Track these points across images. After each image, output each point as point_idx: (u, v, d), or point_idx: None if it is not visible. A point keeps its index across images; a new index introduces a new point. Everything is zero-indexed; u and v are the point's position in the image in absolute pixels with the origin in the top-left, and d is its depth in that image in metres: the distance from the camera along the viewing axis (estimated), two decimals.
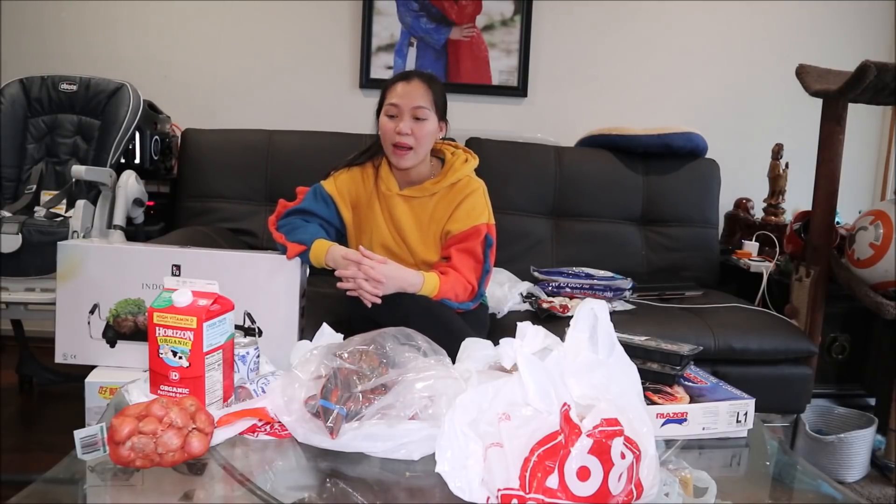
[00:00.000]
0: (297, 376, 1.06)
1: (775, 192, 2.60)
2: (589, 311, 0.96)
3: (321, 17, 2.74)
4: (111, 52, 2.67)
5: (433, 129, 1.61)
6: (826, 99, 2.02)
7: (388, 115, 1.59)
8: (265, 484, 0.92)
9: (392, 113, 1.58)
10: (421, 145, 1.59)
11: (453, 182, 1.65)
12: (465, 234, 1.60)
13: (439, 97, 1.62)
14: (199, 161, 2.34)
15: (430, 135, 1.61)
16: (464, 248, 1.59)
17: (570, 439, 0.82)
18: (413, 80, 1.60)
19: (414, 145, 1.58)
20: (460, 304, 1.56)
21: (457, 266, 1.57)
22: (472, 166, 1.70)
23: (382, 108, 1.61)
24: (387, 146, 1.61)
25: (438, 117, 1.63)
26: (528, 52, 2.76)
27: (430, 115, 1.59)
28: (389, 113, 1.58)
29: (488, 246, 1.60)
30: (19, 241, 1.79)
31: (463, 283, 1.56)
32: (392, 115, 1.58)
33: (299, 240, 1.55)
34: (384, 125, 1.59)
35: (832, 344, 2.24)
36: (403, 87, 1.58)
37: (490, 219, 1.64)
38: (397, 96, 1.57)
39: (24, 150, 2.19)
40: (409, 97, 1.57)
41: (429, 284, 1.50)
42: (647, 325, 1.76)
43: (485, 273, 1.60)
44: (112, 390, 1.44)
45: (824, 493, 1.01)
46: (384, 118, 1.60)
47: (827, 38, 2.82)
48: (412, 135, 1.57)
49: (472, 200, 1.63)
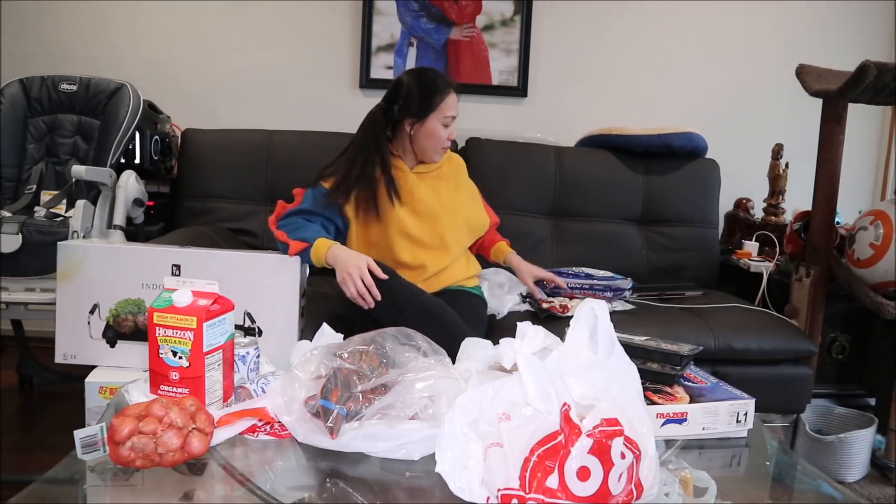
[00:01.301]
0: (297, 376, 1.06)
1: (775, 192, 2.60)
2: (589, 311, 0.97)
3: (321, 17, 2.74)
4: (111, 52, 2.67)
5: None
6: (826, 99, 2.02)
7: (445, 124, 1.75)
8: (265, 484, 0.92)
9: (447, 123, 1.75)
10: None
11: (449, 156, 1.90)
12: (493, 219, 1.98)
13: None
14: (199, 161, 2.33)
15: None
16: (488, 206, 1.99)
17: (570, 439, 0.82)
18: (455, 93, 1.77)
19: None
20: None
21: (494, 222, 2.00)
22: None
23: (434, 115, 1.72)
24: (436, 147, 1.77)
25: None
26: (528, 52, 2.76)
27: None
28: (446, 123, 1.75)
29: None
30: (19, 241, 1.79)
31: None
32: (447, 125, 1.75)
33: (301, 237, 1.57)
34: (440, 132, 1.75)
35: (832, 344, 2.24)
36: (454, 100, 1.75)
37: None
38: (453, 109, 1.75)
39: (24, 150, 2.19)
40: (457, 109, 1.77)
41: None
42: (647, 325, 1.76)
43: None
44: (112, 390, 1.44)
45: (824, 493, 1.01)
46: (440, 126, 1.74)
47: (827, 38, 2.82)
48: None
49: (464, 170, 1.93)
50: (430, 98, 1.72)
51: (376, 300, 1.51)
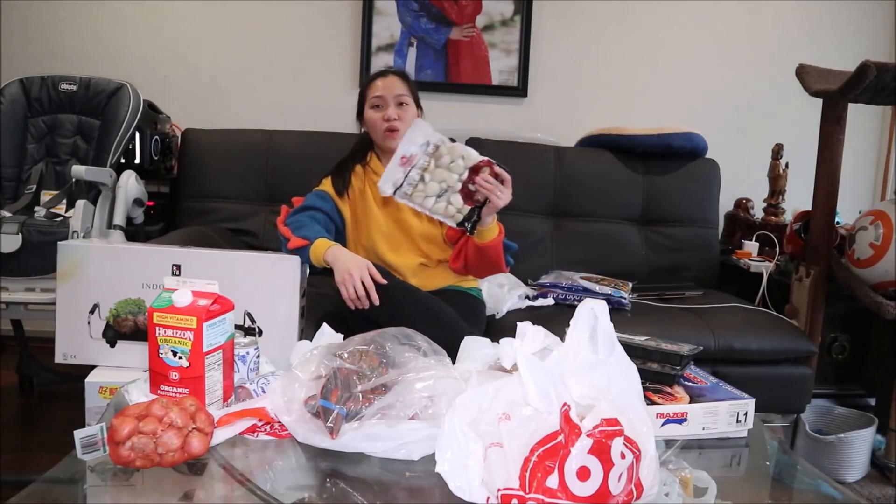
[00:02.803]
0: (297, 376, 1.06)
1: (775, 192, 2.60)
2: (589, 311, 0.97)
3: (321, 17, 2.74)
4: (111, 52, 2.67)
5: (414, 114, 1.74)
6: (826, 99, 2.02)
7: (373, 106, 1.71)
8: (265, 484, 0.92)
9: (377, 104, 1.71)
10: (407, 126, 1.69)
11: None
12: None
13: (413, 87, 1.77)
14: (199, 161, 2.34)
15: (412, 117, 1.72)
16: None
17: (570, 439, 0.82)
18: (389, 75, 1.75)
19: (401, 127, 1.69)
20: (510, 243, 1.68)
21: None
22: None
23: (366, 104, 1.73)
24: (378, 133, 1.72)
25: (416, 105, 1.76)
26: (528, 52, 2.76)
27: (410, 101, 1.73)
28: (374, 104, 1.71)
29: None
30: (19, 241, 1.79)
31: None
32: (377, 105, 1.71)
33: (304, 235, 1.59)
34: (372, 116, 1.72)
35: (832, 344, 2.24)
36: (382, 81, 1.72)
37: None
38: (379, 90, 1.71)
39: (24, 150, 2.19)
40: (390, 88, 1.71)
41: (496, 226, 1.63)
42: (647, 325, 1.76)
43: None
44: (112, 390, 1.44)
45: (824, 493, 1.01)
46: (370, 111, 1.72)
47: (827, 38, 2.81)
48: (399, 119, 1.70)
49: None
50: (363, 92, 1.76)
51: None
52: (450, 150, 1.55)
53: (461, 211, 1.55)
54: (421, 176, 1.55)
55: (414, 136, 1.55)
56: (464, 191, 1.55)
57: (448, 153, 1.55)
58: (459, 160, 1.54)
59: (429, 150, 1.55)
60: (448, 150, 1.55)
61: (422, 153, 1.55)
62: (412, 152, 1.55)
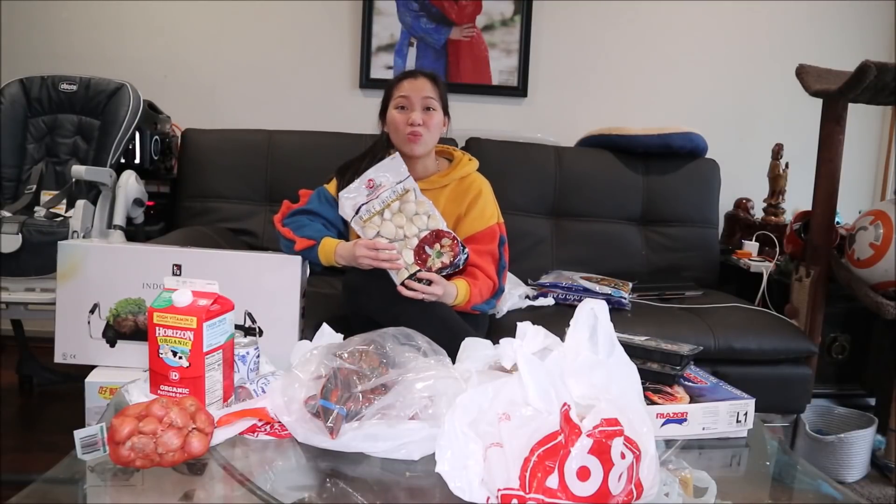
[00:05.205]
0: (297, 376, 1.06)
1: (775, 192, 2.60)
2: (589, 311, 0.97)
3: (321, 17, 2.74)
4: (111, 52, 2.67)
5: (440, 121, 1.67)
6: (826, 99, 2.02)
7: (398, 107, 1.64)
8: (265, 484, 0.93)
9: (402, 104, 1.63)
10: (431, 134, 1.65)
11: (463, 175, 1.71)
12: (482, 234, 1.66)
13: (443, 93, 1.69)
14: (199, 161, 2.33)
15: (438, 125, 1.66)
16: (484, 250, 1.65)
17: (570, 439, 0.82)
18: (419, 76, 1.67)
19: (425, 134, 1.63)
20: (486, 303, 1.63)
21: (481, 266, 1.63)
22: (476, 166, 1.77)
23: (391, 103, 1.66)
24: (400, 136, 1.64)
25: (443, 111, 1.69)
26: (528, 52, 2.76)
27: (438, 107, 1.65)
28: (400, 105, 1.64)
29: (502, 244, 1.68)
30: (19, 241, 1.79)
31: (488, 283, 1.63)
32: (402, 106, 1.63)
33: (307, 236, 1.58)
34: (395, 118, 1.64)
35: (832, 344, 2.24)
36: (411, 83, 1.64)
37: (500, 217, 1.72)
38: (406, 90, 1.63)
39: (24, 150, 2.19)
40: (418, 90, 1.63)
41: (461, 294, 1.55)
42: (647, 325, 1.76)
43: (502, 269, 1.67)
44: (112, 390, 1.44)
45: (824, 493, 1.02)
46: (394, 112, 1.64)
47: (827, 38, 2.81)
48: (423, 124, 1.62)
49: (484, 200, 1.69)
50: (388, 91, 1.69)
51: (375, 301, 1.51)
52: (419, 203, 1.52)
53: (408, 268, 1.49)
54: (381, 210, 1.51)
55: (391, 168, 1.53)
56: (418, 249, 1.49)
57: (416, 205, 1.52)
58: (424, 217, 1.52)
59: (398, 189, 1.53)
60: (417, 203, 1.52)
61: (391, 187, 1.52)
62: (381, 182, 1.52)
